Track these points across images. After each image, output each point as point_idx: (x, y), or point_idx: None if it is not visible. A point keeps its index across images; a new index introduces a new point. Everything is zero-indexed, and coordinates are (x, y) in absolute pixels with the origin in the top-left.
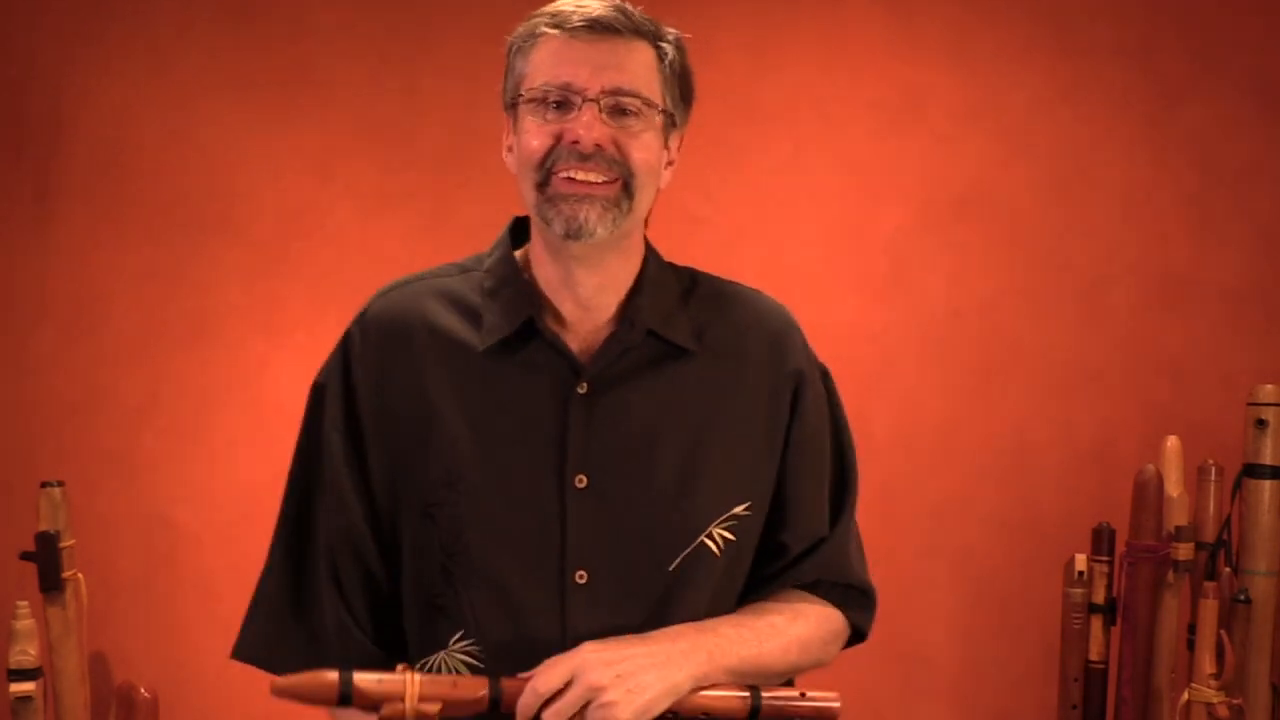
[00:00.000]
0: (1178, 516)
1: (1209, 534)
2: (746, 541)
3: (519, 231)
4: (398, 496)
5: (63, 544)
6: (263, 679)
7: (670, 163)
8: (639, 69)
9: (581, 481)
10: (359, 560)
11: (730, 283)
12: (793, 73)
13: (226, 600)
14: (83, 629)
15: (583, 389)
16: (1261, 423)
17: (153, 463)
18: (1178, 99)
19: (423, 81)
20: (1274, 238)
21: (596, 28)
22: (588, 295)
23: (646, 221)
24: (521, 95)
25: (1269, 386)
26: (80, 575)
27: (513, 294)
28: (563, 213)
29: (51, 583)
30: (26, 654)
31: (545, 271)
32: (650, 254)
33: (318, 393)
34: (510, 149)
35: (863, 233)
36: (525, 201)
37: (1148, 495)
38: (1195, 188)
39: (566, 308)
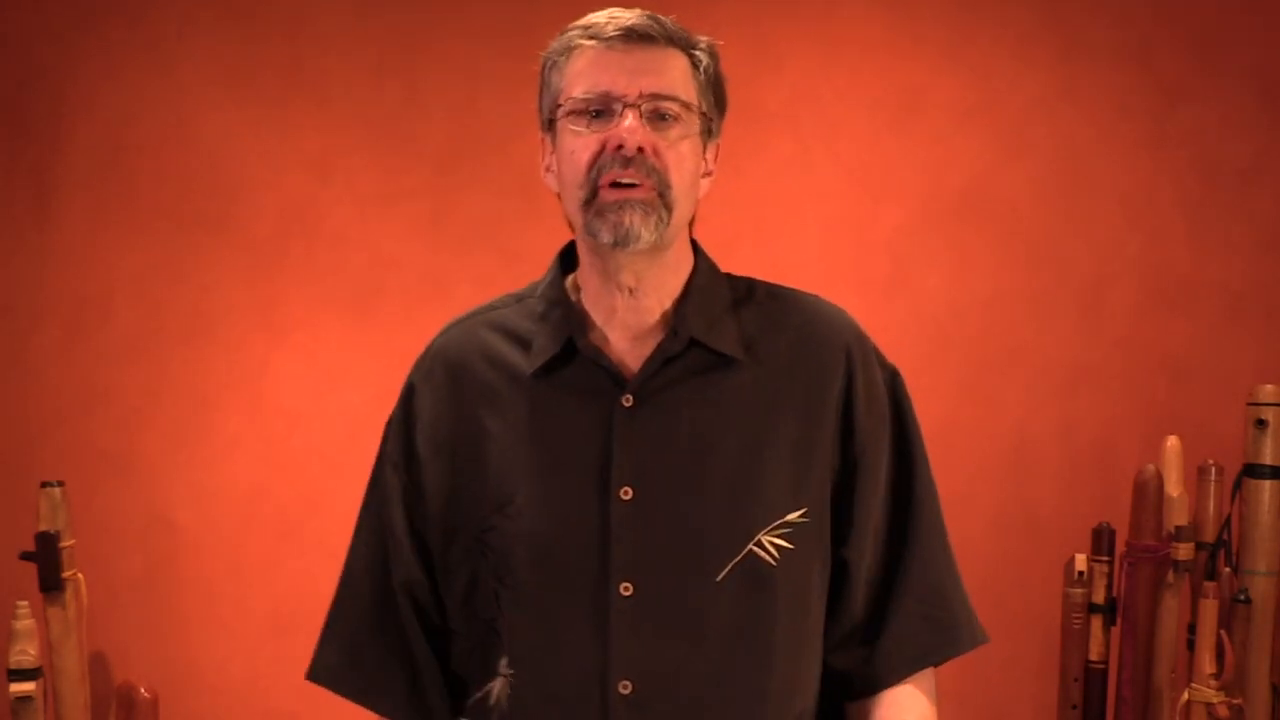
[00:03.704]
0: (1178, 516)
1: (1209, 534)
2: (808, 550)
3: (569, 258)
4: (454, 530)
5: (63, 544)
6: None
7: (708, 173)
8: (675, 74)
9: (627, 494)
10: (414, 602)
11: (790, 290)
12: (793, 73)
13: (226, 600)
14: (83, 629)
15: (627, 401)
16: (1261, 423)
17: (153, 463)
18: (1178, 99)
19: (423, 81)
20: (1274, 238)
21: (631, 36)
22: (629, 303)
23: (691, 225)
24: (560, 107)
25: (1269, 386)
26: (80, 575)
27: (559, 316)
28: (609, 221)
29: (51, 583)
30: (26, 654)
31: (591, 291)
32: (702, 262)
33: (386, 429)
34: (549, 169)
35: (863, 233)
36: (570, 219)
37: (1148, 495)
38: (1195, 188)
39: (611, 324)
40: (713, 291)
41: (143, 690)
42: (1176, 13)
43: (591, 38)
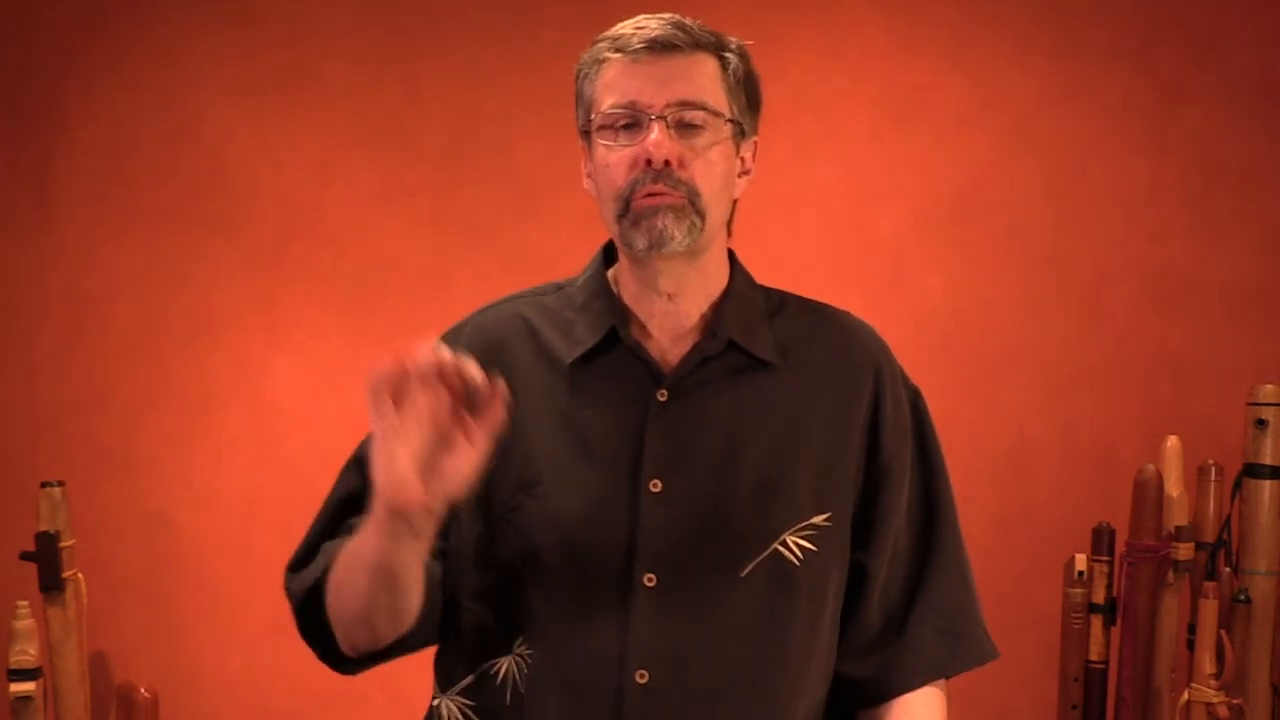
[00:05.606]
0: (1178, 516)
1: (1209, 534)
2: (830, 554)
3: (611, 252)
4: (479, 508)
5: (63, 544)
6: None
7: (745, 172)
8: (703, 81)
9: (656, 486)
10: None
11: (822, 304)
12: (793, 73)
13: (227, 600)
14: (83, 629)
15: (662, 396)
16: (1261, 423)
17: (153, 463)
18: (1178, 99)
19: (423, 81)
20: (1274, 238)
21: (657, 47)
22: (668, 307)
23: (729, 231)
24: (592, 121)
25: (1269, 386)
26: (80, 575)
27: (601, 307)
28: (642, 227)
29: (51, 583)
30: (26, 654)
31: (630, 287)
32: (739, 272)
33: None
34: (589, 175)
35: (863, 233)
36: (609, 228)
37: (1148, 495)
38: (1195, 188)
39: (651, 320)
40: (750, 299)
41: (143, 690)
42: (1176, 13)
43: (618, 50)
